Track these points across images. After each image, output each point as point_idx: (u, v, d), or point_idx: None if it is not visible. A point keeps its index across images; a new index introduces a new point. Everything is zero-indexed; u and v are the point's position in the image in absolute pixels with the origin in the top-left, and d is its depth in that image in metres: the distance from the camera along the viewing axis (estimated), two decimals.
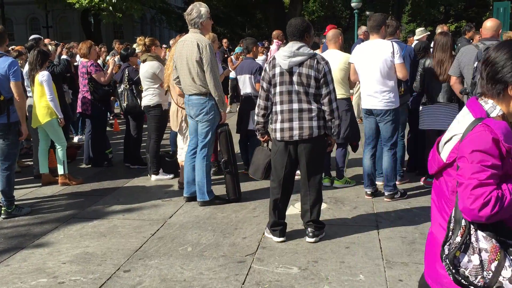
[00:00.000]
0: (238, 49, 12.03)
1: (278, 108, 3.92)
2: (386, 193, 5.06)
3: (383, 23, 4.89)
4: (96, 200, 5.38)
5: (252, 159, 4.41)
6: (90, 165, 6.93)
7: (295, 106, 3.86)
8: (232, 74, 10.42)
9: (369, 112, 4.99)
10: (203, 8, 4.78)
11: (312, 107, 3.86)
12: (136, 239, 4.19)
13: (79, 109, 6.87)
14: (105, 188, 5.88)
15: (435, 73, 5.25)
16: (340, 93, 5.19)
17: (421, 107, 5.46)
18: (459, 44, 8.86)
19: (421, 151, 5.77)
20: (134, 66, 6.73)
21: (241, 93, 6.17)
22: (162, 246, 4.03)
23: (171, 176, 6.12)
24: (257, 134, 4.25)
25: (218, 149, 5.74)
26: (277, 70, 3.88)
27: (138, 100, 6.41)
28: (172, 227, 4.47)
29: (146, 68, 5.98)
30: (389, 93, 4.82)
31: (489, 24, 4.89)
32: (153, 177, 6.12)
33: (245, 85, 5.99)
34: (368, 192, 5.17)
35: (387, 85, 4.81)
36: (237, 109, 6.57)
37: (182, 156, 5.54)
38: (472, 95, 4.72)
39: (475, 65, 4.68)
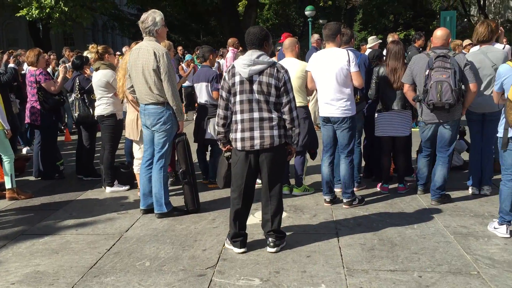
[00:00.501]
0: (188, 57, 11.96)
1: (239, 117, 3.87)
2: (344, 200, 5.10)
3: (338, 32, 4.96)
4: (47, 214, 5.14)
5: (214, 169, 4.34)
6: (40, 178, 6.63)
7: (256, 115, 3.83)
8: (185, 82, 10.29)
9: (327, 120, 5.03)
10: (158, 16, 4.68)
11: (273, 115, 3.84)
12: (91, 255, 4.01)
13: (27, 120, 6.57)
14: (56, 202, 5.63)
15: (389, 81, 5.36)
16: (298, 101, 5.18)
17: (376, 114, 5.56)
18: (409, 52, 9.15)
19: (377, 157, 5.87)
20: (85, 75, 6.51)
21: (198, 102, 6.08)
22: (118, 262, 3.87)
23: (127, 187, 5.95)
24: (219, 143, 4.18)
25: (176, 159, 5.62)
26: (237, 78, 3.84)
27: (90, 109, 6.21)
28: (129, 241, 4.32)
29: (99, 77, 5.80)
30: (345, 101, 4.87)
31: (439, 33, 5.04)
32: (108, 189, 5.92)
33: (202, 94, 5.91)
34: (327, 200, 5.20)
35: (343, 93, 4.86)
36: (194, 117, 6.47)
37: (139, 167, 5.38)
38: (424, 102, 4.85)
39: (426, 72, 4.82)
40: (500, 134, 4.18)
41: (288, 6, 32.27)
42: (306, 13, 20.49)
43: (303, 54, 12.31)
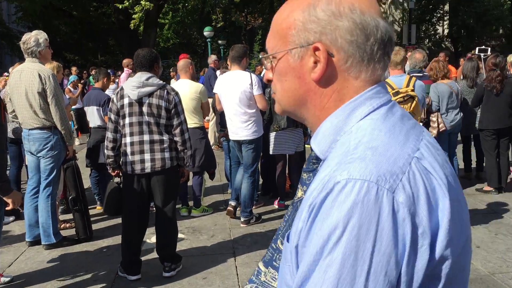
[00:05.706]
0: (72, 77, 11.49)
1: (128, 140, 3.78)
2: (242, 219, 5.17)
3: (244, 55, 5.04)
4: None
5: (105, 195, 4.15)
6: None
7: (146, 137, 3.77)
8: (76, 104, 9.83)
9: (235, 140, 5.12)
10: (42, 37, 4.46)
11: (164, 138, 3.80)
12: None
13: None
14: None
15: None
16: (193, 122, 5.22)
17: (270, 134, 5.72)
18: None
19: (273, 175, 6.04)
20: None
21: (90, 125, 5.86)
22: None
23: (12, 218, 5.52)
24: (108, 168, 4.05)
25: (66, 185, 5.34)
26: (126, 100, 3.76)
27: None
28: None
29: None
30: (251, 123, 4.95)
31: None
32: None
33: (93, 117, 5.69)
34: (232, 204, 5.29)
35: (248, 115, 4.94)
36: (87, 141, 6.22)
37: None
38: None
39: None
40: None
41: (188, 26, 32.34)
42: (205, 33, 20.61)
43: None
